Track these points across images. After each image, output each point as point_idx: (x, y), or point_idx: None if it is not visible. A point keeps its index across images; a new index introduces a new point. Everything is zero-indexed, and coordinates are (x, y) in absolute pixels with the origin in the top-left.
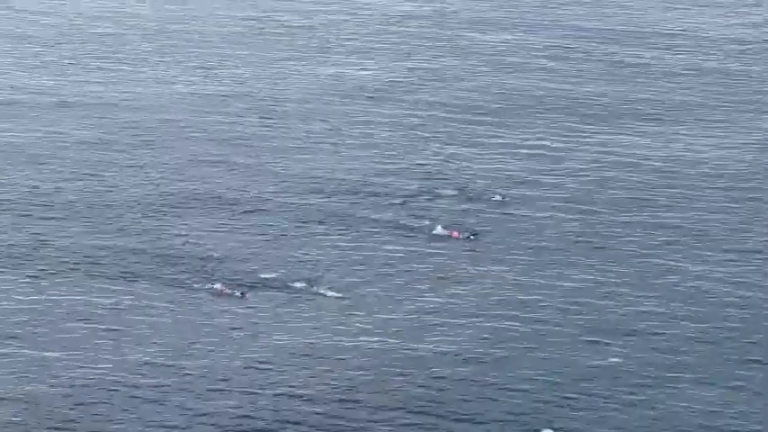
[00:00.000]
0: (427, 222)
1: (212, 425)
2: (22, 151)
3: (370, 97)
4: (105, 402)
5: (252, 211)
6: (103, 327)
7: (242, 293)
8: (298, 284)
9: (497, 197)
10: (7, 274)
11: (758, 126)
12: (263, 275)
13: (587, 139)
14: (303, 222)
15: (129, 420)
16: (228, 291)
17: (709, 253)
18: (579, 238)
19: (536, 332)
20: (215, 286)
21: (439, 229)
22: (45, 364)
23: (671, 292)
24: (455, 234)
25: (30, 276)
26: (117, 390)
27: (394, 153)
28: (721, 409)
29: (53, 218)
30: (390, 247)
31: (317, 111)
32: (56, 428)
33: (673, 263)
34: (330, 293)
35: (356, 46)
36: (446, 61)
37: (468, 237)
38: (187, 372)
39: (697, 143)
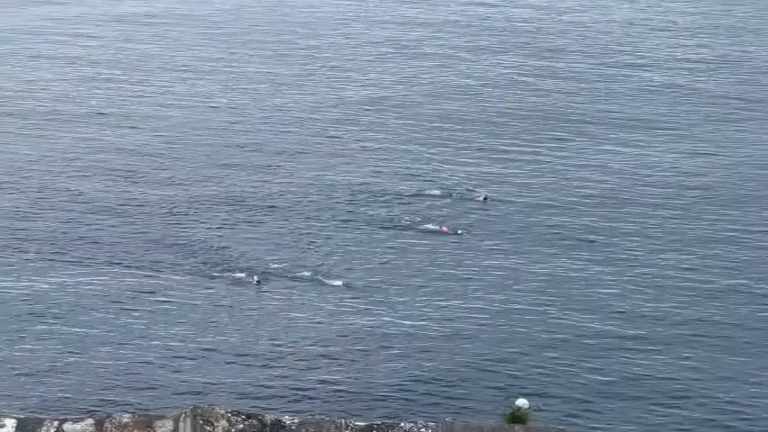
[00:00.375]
0: (419, 219)
1: (229, 393)
2: (61, 156)
3: (370, 109)
4: (135, 373)
5: (266, 210)
6: (134, 308)
7: (257, 281)
8: (305, 273)
9: (481, 197)
10: (52, 263)
11: (710, 137)
12: (275, 265)
13: (561, 146)
14: (310, 219)
15: (157, 387)
16: (245, 278)
17: (663, 244)
18: (552, 232)
19: (513, 312)
20: (233, 274)
21: (430, 226)
22: (83, 340)
23: (630, 277)
24: (444, 229)
25: (71, 264)
26: (146, 362)
27: (390, 158)
28: (671, 375)
29: (90, 214)
30: (387, 242)
31: (323, 121)
32: (92, 397)
33: (632, 251)
34: (334, 281)
35: (357, 64)
36: (437, 78)
37: (456, 232)
38: (208, 347)
39: (658, 150)
